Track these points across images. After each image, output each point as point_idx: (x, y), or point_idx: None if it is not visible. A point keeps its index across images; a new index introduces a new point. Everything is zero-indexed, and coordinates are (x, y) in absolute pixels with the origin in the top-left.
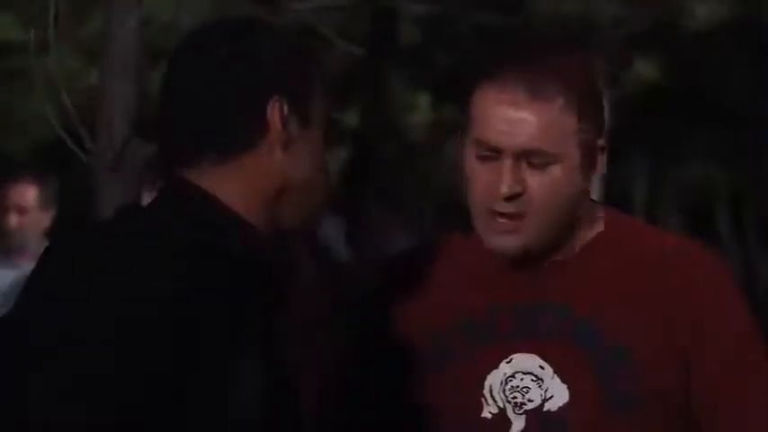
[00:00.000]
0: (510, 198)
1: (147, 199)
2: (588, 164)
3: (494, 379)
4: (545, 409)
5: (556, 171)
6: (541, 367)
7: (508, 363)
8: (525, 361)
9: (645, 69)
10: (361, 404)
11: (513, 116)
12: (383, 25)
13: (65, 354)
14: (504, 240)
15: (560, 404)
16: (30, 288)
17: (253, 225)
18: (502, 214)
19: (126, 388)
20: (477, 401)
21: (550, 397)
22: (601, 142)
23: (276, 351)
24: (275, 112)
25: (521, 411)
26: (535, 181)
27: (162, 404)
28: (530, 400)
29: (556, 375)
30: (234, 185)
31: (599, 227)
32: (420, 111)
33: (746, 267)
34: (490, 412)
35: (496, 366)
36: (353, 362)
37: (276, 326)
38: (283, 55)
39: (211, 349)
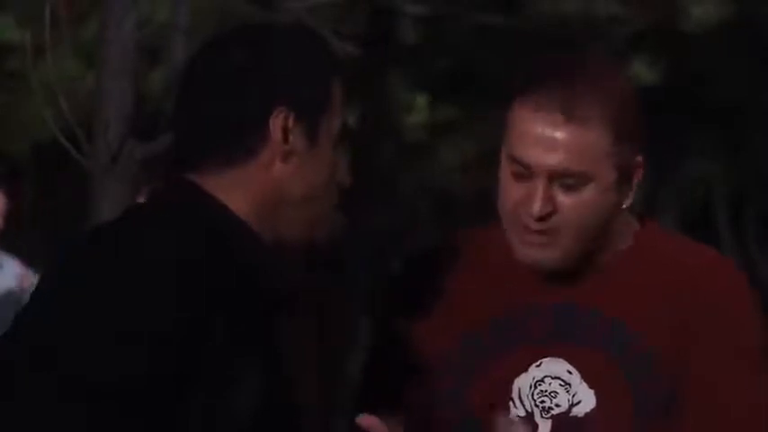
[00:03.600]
0: (541, 218)
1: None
2: (624, 182)
3: (523, 382)
4: (572, 414)
5: (589, 191)
6: (569, 372)
7: (538, 366)
8: (554, 365)
9: (643, 69)
10: (386, 403)
11: (547, 137)
12: (381, 25)
13: (66, 354)
14: (536, 254)
15: (587, 410)
16: (38, 288)
17: (256, 232)
18: (534, 230)
19: (127, 389)
20: (504, 403)
21: (578, 402)
22: (638, 160)
23: (276, 355)
24: (278, 123)
25: (548, 416)
26: (568, 201)
27: (163, 405)
28: (557, 405)
29: (583, 381)
30: (235, 192)
31: (634, 236)
32: (418, 111)
33: (745, 267)
34: (517, 416)
35: (526, 369)
36: (380, 359)
37: (277, 331)
38: (300, 67)
39: (213, 353)
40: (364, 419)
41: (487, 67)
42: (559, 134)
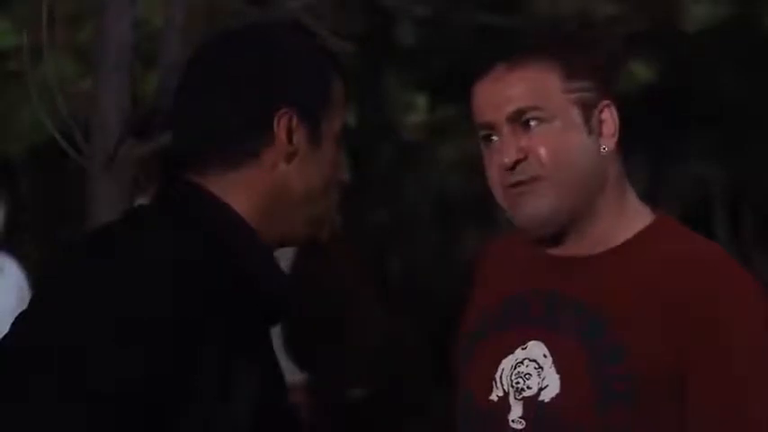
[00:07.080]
0: (514, 167)
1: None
2: (594, 123)
3: (507, 363)
4: (540, 398)
5: (556, 127)
6: (545, 356)
7: (523, 349)
8: (536, 349)
9: (641, 69)
10: None
11: (494, 87)
12: (380, 25)
13: (65, 355)
14: (524, 209)
15: (552, 394)
16: (38, 289)
17: (256, 233)
18: (515, 184)
19: (126, 391)
20: (489, 384)
21: (546, 386)
22: (605, 102)
23: (274, 358)
24: (282, 124)
25: (520, 397)
26: (536, 142)
27: (162, 408)
28: (528, 387)
29: (553, 365)
30: (239, 193)
31: (640, 226)
32: (417, 111)
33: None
34: (497, 395)
35: (512, 351)
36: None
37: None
38: (303, 67)
39: (211, 355)
40: None
41: None
42: (504, 82)
